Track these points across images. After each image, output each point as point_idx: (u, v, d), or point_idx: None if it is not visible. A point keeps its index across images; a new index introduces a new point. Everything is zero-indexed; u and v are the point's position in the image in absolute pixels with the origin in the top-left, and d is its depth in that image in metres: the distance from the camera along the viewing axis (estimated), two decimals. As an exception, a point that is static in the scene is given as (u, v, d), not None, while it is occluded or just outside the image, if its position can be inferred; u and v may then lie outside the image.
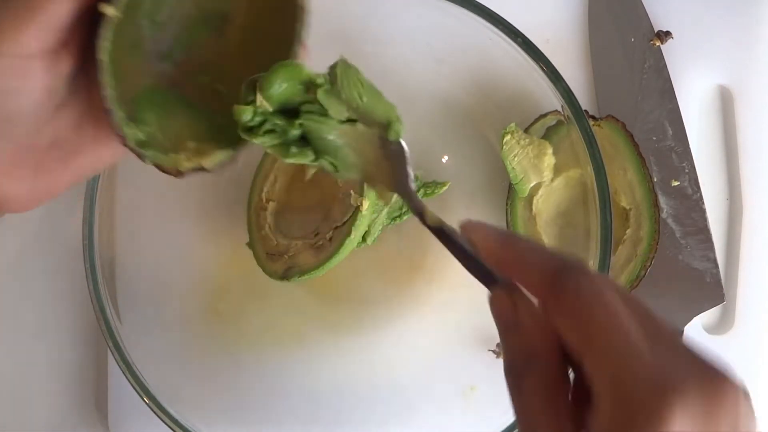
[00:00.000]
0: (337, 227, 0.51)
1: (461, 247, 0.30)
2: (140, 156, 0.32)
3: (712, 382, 0.25)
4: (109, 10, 0.28)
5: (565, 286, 0.27)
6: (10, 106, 0.29)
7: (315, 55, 0.34)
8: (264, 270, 0.53)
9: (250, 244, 0.54)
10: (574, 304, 0.27)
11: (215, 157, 0.34)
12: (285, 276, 0.51)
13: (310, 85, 0.33)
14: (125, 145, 0.32)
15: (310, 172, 0.35)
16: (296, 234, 0.53)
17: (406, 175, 0.33)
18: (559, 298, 0.27)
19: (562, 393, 0.27)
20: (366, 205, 0.49)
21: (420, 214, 0.32)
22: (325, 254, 0.51)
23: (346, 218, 0.50)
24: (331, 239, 0.51)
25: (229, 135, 0.34)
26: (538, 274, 0.28)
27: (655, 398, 0.24)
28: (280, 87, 0.32)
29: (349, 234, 0.50)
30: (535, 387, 0.27)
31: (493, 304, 0.29)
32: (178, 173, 0.33)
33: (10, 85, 0.28)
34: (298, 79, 0.33)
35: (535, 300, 0.29)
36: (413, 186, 0.33)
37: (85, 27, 0.30)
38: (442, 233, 0.31)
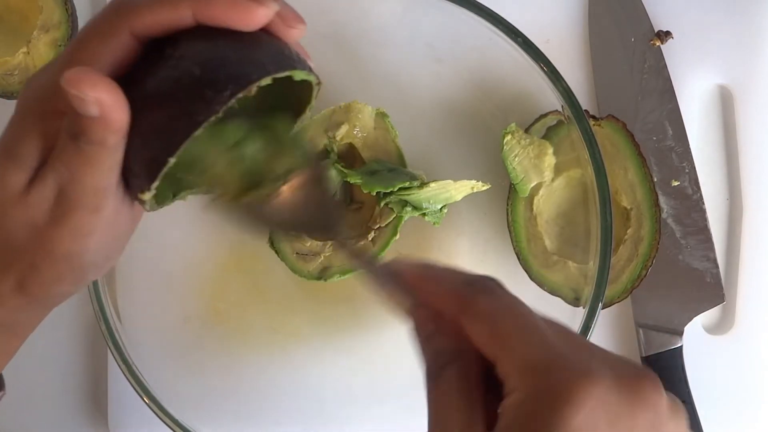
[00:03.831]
0: (379, 228, 0.52)
1: (386, 269, 0.32)
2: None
3: (628, 375, 0.25)
4: (146, 196, 0.31)
5: (480, 292, 0.28)
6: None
7: (314, 57, 0.34)
8: (294, 271, 0.53)
9: (274, 245, 0.53)
10: (489, 306, 0.28)
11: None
12: (322, 276, 0.53)
13: None
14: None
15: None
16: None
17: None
18: (475, 302, 0.28)
19: (475, 389, 0.27)
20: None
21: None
22: None
23: (389, 220, 0.52)
24: (373, 240, 0.52)
25: None
26: (453, 286, 0.29)
27: (568, 384, 0.24)
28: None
29: (395, 235, 0.52)
30: (451, 378, 0.27)
31: (416, 316, 0.31)
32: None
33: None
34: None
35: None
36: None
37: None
38: (367, 262, 0.33)
